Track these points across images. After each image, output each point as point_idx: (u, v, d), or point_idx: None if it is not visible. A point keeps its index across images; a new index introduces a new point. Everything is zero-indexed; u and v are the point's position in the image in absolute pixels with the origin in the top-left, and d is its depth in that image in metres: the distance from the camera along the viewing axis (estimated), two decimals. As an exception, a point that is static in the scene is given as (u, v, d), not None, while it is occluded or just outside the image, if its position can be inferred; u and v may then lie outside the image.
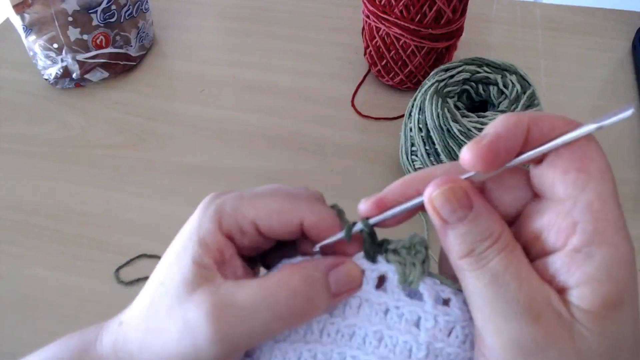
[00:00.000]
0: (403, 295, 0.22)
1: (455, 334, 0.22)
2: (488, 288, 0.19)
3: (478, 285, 0.19)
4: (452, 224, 0.20)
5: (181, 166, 0.57)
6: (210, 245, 0.23)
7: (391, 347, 0.22)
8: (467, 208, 0.20)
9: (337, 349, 0.23)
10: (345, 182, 0.55)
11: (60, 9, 0.59)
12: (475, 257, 0.19)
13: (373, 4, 0.57)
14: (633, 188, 0.53)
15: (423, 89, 0.48)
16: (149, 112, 0.63)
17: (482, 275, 0.19)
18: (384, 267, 0.23)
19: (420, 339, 0.21)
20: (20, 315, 0.46)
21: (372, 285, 0.23)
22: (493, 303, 0.19)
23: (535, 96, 0.46)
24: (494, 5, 0.77)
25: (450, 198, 0.20)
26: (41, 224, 0.52)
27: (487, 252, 0.19)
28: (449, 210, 0.20)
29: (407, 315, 0.22)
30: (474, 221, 0.20)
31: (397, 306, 0.22)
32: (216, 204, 0.24)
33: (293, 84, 0.66)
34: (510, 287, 0.19)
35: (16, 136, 0.61)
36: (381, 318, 0.22)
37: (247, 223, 0.23)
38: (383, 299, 0.23)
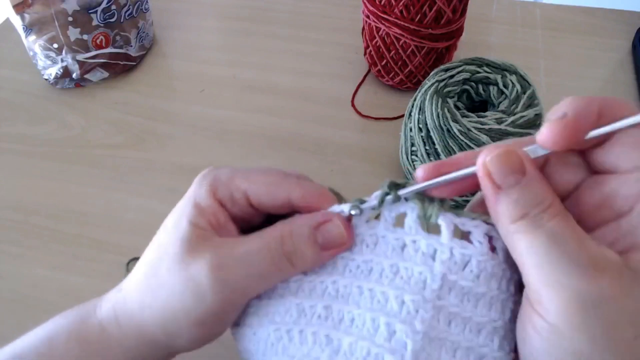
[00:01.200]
0: (420, 230, 0.23)
1: (470, 268, 0.22)
2: (547, 245, 0.19)
3: (535, 243, 0.19)
4: (505, 188, 0.20)
5: (181, 166, 0.57)
6: (205, 209, 0.25)
7: (406, 278, 0.22)
8: (520, 173, 0.20)
9: (356, 282, 0.23)
10: (345, 182, 0.55)
11: (60, 9, 0.59)
12: (531, 219, 0.20)
13: (373, 4, 0.57)
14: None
15: (423, 89, 0.48)
16: (149, 112, 0.63)
17: (540, 235, 0.19)
18: (404, 206, 0.23)
19: (435, 270, 0.22)
20: (20, 315, 0.46)
21: (390, 222, 0.24)
22: (553, 260, 0.19)
23: (535, 96, 0.46)
24: (494, 5, 0.77)
25: (505, 162, 0.20)
26: (41, 224, 0.52)
27: (542, 215, 0.20)
28: (502, 173, 0.20)
29: (423, 248, 0.22)
30: (527, 187, 0.20)
31: (414, 240, 0.23)
32: (212, 174, 0.26)
33: (293, 84, 0.66)
34: (571, 244, 0.19)
35: (16, 136, 0.61)
36: (398, 253, 0.23)
37: (239, 193, 0.25)
38: (400, 234, 0.23)
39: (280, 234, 0.24)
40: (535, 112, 0.45)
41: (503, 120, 0.44)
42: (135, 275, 0.27)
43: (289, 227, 0.24)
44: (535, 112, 0.45)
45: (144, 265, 0.26)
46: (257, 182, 0.25)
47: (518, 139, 0.23)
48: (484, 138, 0.43)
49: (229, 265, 0.23)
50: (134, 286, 0.26)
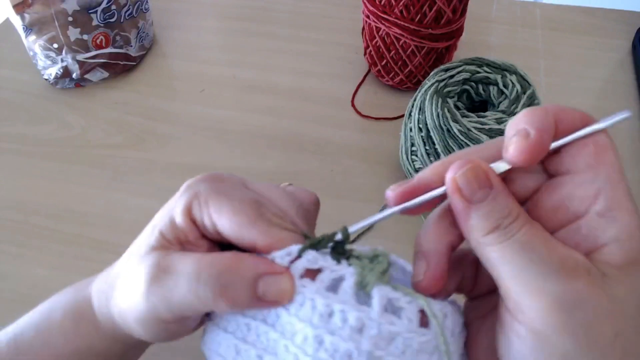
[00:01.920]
0: (352, 299, 0.22)
1: (396, 344, 0.21)
2: (520, 254, 0.20)
3: (509, 253, 0.20)
4: (475, 203, 0.21)
5: (181, 166, 0.57)
6: (177, 225, 0.25)
7: (331, 352, 0.21)
8: (488, 187, 0.21)
9: (283, 341, 0.22)
10: (345, 182, 0.55)
11: (60, 9, 0.59)
12: (502, 230, 0.20)
13: (373, 4, 0.57)
14: (633, 188, 0.53)
15: (423, 89, 0.48)
16: (149, 112, 0.63)
17: (512, 245, 0.20)
18: (344, 270, 0.23)
19: (363, 346, 0.21)
20: (21, 315, 0.46)
21: (324, 285, 0.22)
22: (528, 267, 0.20)
23: (535, 96, 0.46)
24: (494, 5, 0.77)
25: (473, 177, 0.21)
26: (41, 224, 0.52)
27: (512, 226, 0.20)
28: (472, 189, 0.21)
29: (351, 321, 0.21)
30: (495, 200, 0.21)
31: (343, 310, 0.22)
32: (194, 190, 0.26)
33: (293, 84, 0.66)
34: (542, 251, 0.20)
35: (16, 136, 0.61)
36: (325, 321, 0.22)
37: (209, 222, 0.25)
38: (330, 300, 0.22)
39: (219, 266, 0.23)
40: (535, 112, 0.45)
41: (503, 120, 0.44)
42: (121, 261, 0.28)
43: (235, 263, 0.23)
44: (535, 112, 0.45)
45: (127, 254, 0.28)
46: (228, 219, 0.24)
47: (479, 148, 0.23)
48: (484, 138, 0.43)
49: (162, 278, 0.23)
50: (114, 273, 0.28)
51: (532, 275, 0.20)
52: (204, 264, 0.23)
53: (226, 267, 0.23)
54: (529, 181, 0.23)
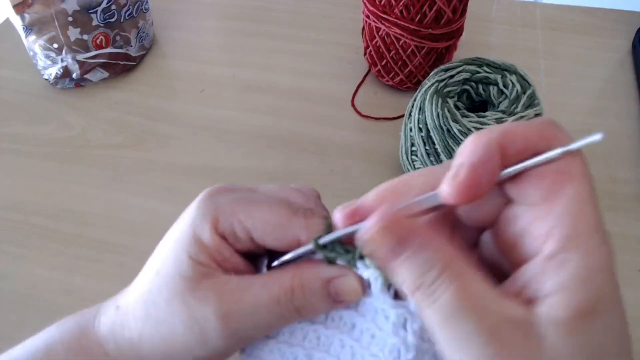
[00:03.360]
0: (388, 298, 0.22)
1: None
2: (445, 325, 0.18)
3: (433, 321, 0.19)
4: (395, 259, 0.19)
5: (181, 166, 0.57)
6: (207, 244, 0.24)
7: (381, 346, 0.22)
8: (401, 245, 0.19)
9: (339, 335, 0.23)
10: (345, 182, 0.55)
11: (60, 9, 0.59)
12: (425, 291, 0.18)
13: (373, 4, 0.57)
14: (633, 188, 0.53)
15: (423, 89, 0.48)
16: (149, 112, 0.63)
17: (436, 312, 0.18)
18: (365, 272, 0.23)
19: (408, 340, 0.22)
20: (21, 315, 0.46)
21: None
22: (454, 338, 0.18)
23: (535, 96, 0.46)
24: (494, 5, 0.77)
25: (383, 238, 0.19)
26: (41, 224, 0.52)
27: (436, 286, 0.18)
28: (385, 250, 0.19)
29: (393, 318, 0.22)
30: (415, 255, 0.19)
31: (383, 309, 0.22)
32: (214, 203, 0.24)
33: (293, 84, 0.66)
34: (469, 321, 0.18)
35: (16, 136, 0.61)
36: (373, 316, 0.23)
37: (242, 230, 0.24)
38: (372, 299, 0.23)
39: (291, 287, 0.23)
40: (535, 112, 0.45)
41: (503, 120, 0.44)
42: (133, 295, 0.25)
43: (299, 279, 0.23)
44: (535, 112, 0.45)
45: (142, 288, 0.25)
46: (262, 221, 0.23)
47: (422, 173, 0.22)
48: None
49: (237, 316, 0.23)
50: (132, 311, 0.25)
51: (457, 347, 0.18)
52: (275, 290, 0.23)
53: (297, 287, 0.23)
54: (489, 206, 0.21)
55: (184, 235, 0.24)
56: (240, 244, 0.24)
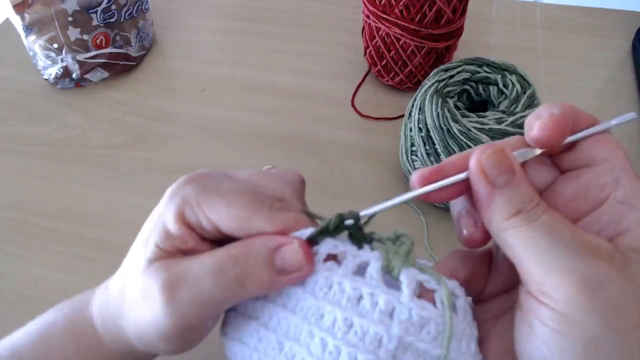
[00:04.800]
0: (380, 283, 0.22)
1: (428, 330, 0.21)
2: (546, 236, 0.20)
3: (533, 235, 0.20)
4: (500, 186, 0.21)
5: (181, 166, 0.57)
6: (172, 234, 0.24)
7: (361, 335, 0.21)
8: (511, 173, 0.21)
9: (307, 326, 0.22)
10: (345, 182, 0.55)
11: (60, 9, 0.59)
12: (525, 214, 0.21)
13: (373, 4, 0.57)
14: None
15: (423, 89, 0.48)
16: (149, 112, 0.63)
17: (537, 227, 0.20)
18: (368, 254, 0.23)
19: (393, 330, 0.21)
20: (21, 315, 0.46)
21: (350, 269, 0.22)
22: (553, 248, 0.20)
23: (535, 96, 0.46)
24: (494, 5, 0.77)
25: (497, 161, 0.21)
26: (41, 224, 0.52)
27: (535, 210, 0.21)
28: (496, 172, 0.21)
29: (381, 305, 0.21)
30: (518, 185, 0.21)
31: (372, 293, 0.21)
32: (182, 193, 0.25)
33: (293, 84, 0.66)
34: (566, 233, 0.20)
35: (16, 136, 0.61)
36: (353, 304, 0.22)
37: (207, 222, 0.24)
38: (358, 284, 0.22)
39: (235, 254, 0.23)
40: (535, 112, 0.45)
41: (503, 120, 0.44)
42: (116, 278, 0.27)
43: (246, 247, 0.23)
44: (535, 112, 0.45)
45: (122, 271, 0.26)
46: (227, 215, 0.23)
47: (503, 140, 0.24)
48: (484, 138, 0.43)
49: (179, 286, 0.22)
50: (114, 291, 0.26)
51: (557, 256, 0.19)
52: (220, 257, 0.23)
53: (241, 253, 0.23)
54: (543, 175, 0.23)
55: (155, 224, 0.25)
56: (208, 234, 0.24)
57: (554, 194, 0.23)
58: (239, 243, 0.23)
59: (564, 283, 0.19)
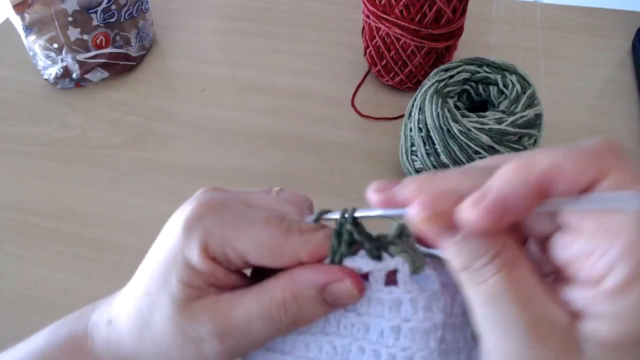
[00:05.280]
0: (414, 285, 0.22)
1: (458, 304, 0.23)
2: (486, 307, 0.18)
3: (476, 302, 0.19)
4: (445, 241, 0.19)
5: (181, 166, 0.57)
6: (199, 270, 0.23)
7: (411, 337, 0.22)
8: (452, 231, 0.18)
9: (355, 342, 0.23)
10: (345, 182, 0.55)
11: (60, 9, 0.59)
12: (472, 273, 0.18)
13: (373, 4, 0.57)
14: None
15: (423, 89, 0.48)
16: (149, 112, 0.63)
17: (480, 294, 0.18)
18: (391, 262, 0.23)
19: (437, 319, 0.22)
20: (20, 315, 0.46)
21: (381, 283, 0.23)
22: (493, 322, 0.18)
23: (535, 96, 0.46)
24: (494, 5, 0.77)
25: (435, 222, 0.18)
26: (41, 224, 0.52)
27: (484, 270, 0.18)
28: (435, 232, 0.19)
29: (422, 302, 0.22)
30: (466, 240, 0.18)
31: (412, 297, 0.22)
32: (203, 225, 0.23)
33: (293, 83, 0.66)
34: (511, 308, 0.18)
35: (16, 136, 0.61)
36: (396, 312, 0.22)
37: (235, 255, 0.23)
38: (396, 294, 0.22)
39: (282, 300, 0.22)
40: (535, 112, 0.45)
41: (503, 120, 0.44)
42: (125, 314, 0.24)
43: (291, 289, 0.22)
44: (535, 112, 0.45)
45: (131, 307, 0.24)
46: (256, 244, 0.22)
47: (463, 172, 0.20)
48: (484, 138, 0.43)
49: (232, 333, 0.22)
50: (126, 329, 0.24)
51: (496, 332, 0.18)
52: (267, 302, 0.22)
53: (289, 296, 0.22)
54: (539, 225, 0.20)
55: (173, 256, 0.23)
56: (235, 266, 0.23)
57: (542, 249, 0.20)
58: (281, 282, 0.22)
59: (498, 357, 0.18)
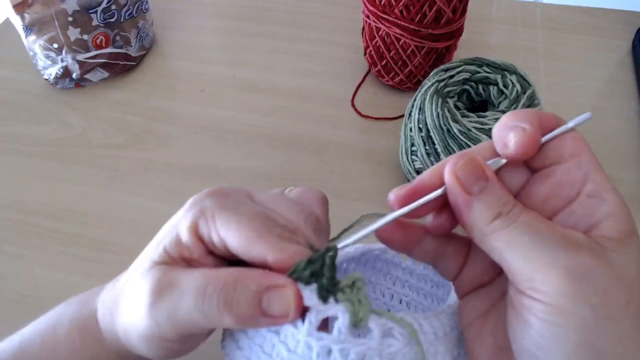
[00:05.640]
0: (349, 336, 0.22)
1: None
2: (527, 235, 0.21)
3: (516, 235, 0.21)
4: (476, 194, 0.22)
5: (181, 166, 0.57)
6: (182, 242, 0.25)
7: None
8: (485, 179, 0.22)
9: None
10: (345, 182, 0.55)
11: (60, 9, 0.59)
12: (504, 217, 0.22)
13: (373, 4, 0.57)
14: (633, 188, 0.53)
15: (423, 89, 0.48)
16: (149, 112, 0.63)
17: (517, 227, 0.21)
18: (333, 308, 0.22)
19: None
20: (21, 315, 0.46)
21: (314, 326, 0.22)
22: (536, 245, 0.21)
23: (535, 96, 0.46)
24: (494, 5, 0.77)
25: (471, 169, 0.22)
26: (41, 224, 0.52)
27: (513, 212, 0.22)
28: (471, 180, 0.22)
29: (352, 355, 0.22)
30: (494, 190, 0.22)
31: (342, 348, 0.22)
32: (201, 205, 0.25)
33: (293, 83, 0.66)
34: (545, 229, 0.21)
35: (16, 136, 0.61)
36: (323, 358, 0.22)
37: (217, 238, 0.24)
38: (326, 340, 0.22)
39: (224, 279, 0.22)
40: (535, 112, 0.45)
41: (503, 120, 0.44)
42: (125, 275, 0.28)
43: (237, 275, 0.23)
44: (535, 112, 0.45)
45: (131, 268, 0.27)
46: (236, 234, 0.23)
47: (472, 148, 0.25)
48: (483, 138, 0.43)
49: (164, 294, 0.23)
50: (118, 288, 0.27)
51: (541, 252, 0.20)
52: (210, 278, 0.23)
53: (231, 281, 0.22)
54: (516, 177, 0.24)
55: (170, 228, 0.26)
56: (217, 250, 0.25)
57: (529, 195, 0.23)
58: (233, 269, 0.23)
59: (551, 277, 0.20)
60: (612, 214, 0.21)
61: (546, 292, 0.20)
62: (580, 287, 0.20)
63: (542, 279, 0.20)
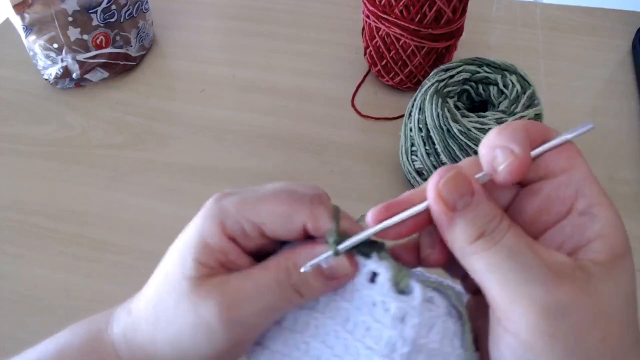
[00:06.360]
0: (392, 291, 0.23)
1: (437, 330, 0.22)
2: (508, 261, 0.20)
3: (496, 260, 0.20)
4: (460, 210, 0.21)
5: (181, 166, 0.57)
6: (213, 247, 0.24)
7: (376, 339, 0.22)
8: (470, 194, 0.21)
9: (334, 326, 0.24)
10: (345, 182, 0.55)
11: (60, 9, 0.59)
12: (488, 236, 0.20)
13: (373, 4, 0.57)
14: (633, 188, 0.53)
15: (423, 89, 0.48)
16: (149, 112, 0.63)
17: (499, 251, 0.20)
18: (376, 264, 0.23)
19: (406, 334, 0.22)
20: (21, 315, 0.46)
21: (365, 277, 0.24)
22: (516, 274, 0.20)
23: (535, 96, 0.46)
24: (494, 5, 0.77)
25: (455, 184, 0.21)
26: (41, 224, 0.52)
27: (497, 230, 0.20)
28: (456, 195, 0.21)
29: (394, 310, 0.22)
30: (479, 205, 0.21)
31: (385, 301, 0.22)
32: (221, 205, 0.25)
33: (293, 83, 0.66)
34: (529, 255, 0.20)
35: (16, 136, 0.61)
36: (370, 309, 0.23)
37: (251, 227, 0.24)
38: (372, 291, 0.23)
39: (286, 267, 0.24)
40: (535, 112, 0.45)
41: (503, 120, 0.44)
42: (144, 301, 0.26)
43: (292, 259, 0.24)
44: (535, 112, 0.45)
45: (152, 292, 0.26)
46: (270, 213, 0.24)
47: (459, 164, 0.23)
48: (483, 138, 0.43)
49: (239, 304, 0.23)
50: (144, 314, 0.25)
51: (520, 282, 0.19)
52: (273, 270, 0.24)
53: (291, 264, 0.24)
54: (505, 191, 0.23)
55: (191, 238, 0.24)
56: (252, 242, 0.25)
57: (518, 210, 0.23)
58: (283, 255, 0.24)
59: (526, 312, 0.19)
60: (604, 234, 0.20)
61: (520, 326, 0.19)
62: (555, 325, 0.19)
63: (518, 312, 0.19)
